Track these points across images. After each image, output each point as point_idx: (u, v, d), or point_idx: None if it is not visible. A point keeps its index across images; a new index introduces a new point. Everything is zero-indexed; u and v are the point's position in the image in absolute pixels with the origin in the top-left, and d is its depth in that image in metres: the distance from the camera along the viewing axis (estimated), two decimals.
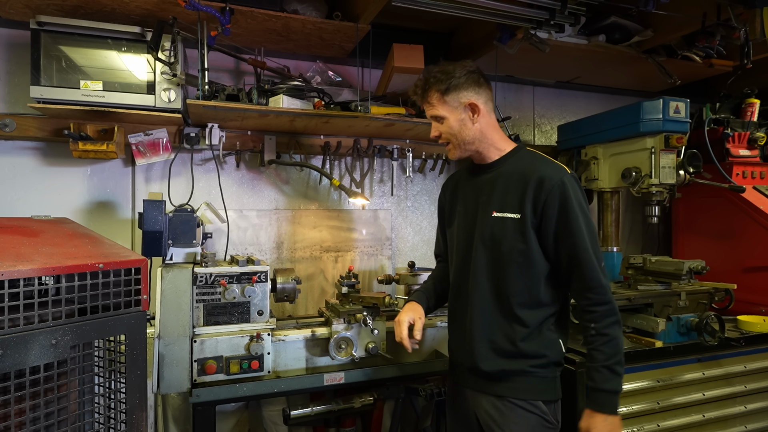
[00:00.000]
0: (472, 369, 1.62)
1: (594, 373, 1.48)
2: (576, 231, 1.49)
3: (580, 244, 1.49)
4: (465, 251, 1.67)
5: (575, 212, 1.50)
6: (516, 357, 1.55)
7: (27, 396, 1.17)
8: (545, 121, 3.33)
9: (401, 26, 2.78)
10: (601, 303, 1.50)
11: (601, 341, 1.48)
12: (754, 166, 2.89)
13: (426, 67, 1.70)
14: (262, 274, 1.95)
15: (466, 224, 1.69)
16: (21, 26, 2.16)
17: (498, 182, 1.63)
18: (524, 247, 1.54)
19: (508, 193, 1.59)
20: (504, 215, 1.57)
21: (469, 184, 1.74)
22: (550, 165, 1.58)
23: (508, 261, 1.56)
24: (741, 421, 2.26)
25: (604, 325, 1.49)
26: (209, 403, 1.84)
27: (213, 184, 2.53)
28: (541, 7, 2.18)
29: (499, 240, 1.57)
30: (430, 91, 1.63)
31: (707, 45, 2.50)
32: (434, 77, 1.61)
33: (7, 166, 2.25)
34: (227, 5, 1.99)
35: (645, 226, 3.44)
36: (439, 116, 1.63)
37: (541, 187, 1.52)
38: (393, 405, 2.32)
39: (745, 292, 2.56)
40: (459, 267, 1.70)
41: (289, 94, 2.24)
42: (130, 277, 1.39)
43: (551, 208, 1.51)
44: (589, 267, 1.49)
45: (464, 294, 1.66)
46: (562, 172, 1.54)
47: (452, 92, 1.61)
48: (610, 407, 1.47)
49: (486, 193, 1.64)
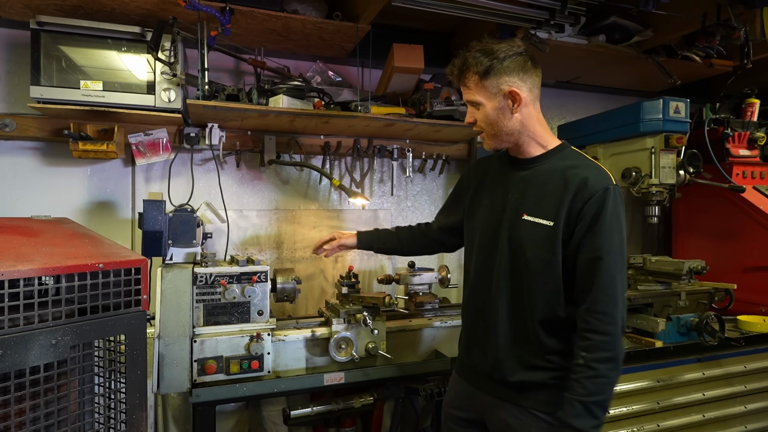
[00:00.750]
0: (494, 377, 1.52)
1: (567, 405, 1.33)
2: (604, 246, 1.34)
3: (604, 263, 1.33)
4: (488, 250, 1.55)
5: (609, 226, 1.35)
6: (537, 369, 1.45)
7: (27, 396, 1.17)
8: (545, 121, 3.32)
9: (401, 26, 2.78)
10: (599, 332, 1.31)
11: (585, 374, 1.31)
12: (754, 166, 2.88)
13: (471, 43, 1.52)
14: (262, 274, 1.95)
15: (490, 221, 1.55)
16: (21, 26, 2.16)
17: (534, 182, 1.48)
18: (551, 257, 1.40)
19: (543, 197, 1.44)
20: (535, 220, 1.43)
21: (500, 177, 1.59)
22: (596, 170, 1.42)
23: (531, 269, 1.43)
24: (741, 421, 2.27)
25: (594, 358, 1.30)
26: (209, 403, 1.84)
27: (213, 184, 2.53)
28: (541, 7, 2.18)
29: (525, 246, 1.44)
30: (467, 72, 1.47)
31: (707, 45, 2.50)
32: (474, 57, 1.45)
33: (7, 166, 2.25)
34: (227, 5, 1.99)
35: (645, 226, 3.43)
36: (475, 101, 1.49)
37: (581, 194, 1.37)
38: (393, 405, 2.32)
39: (745, 292, 2.56)
40: (481, 265, 1.57)
41: (289, 94, 2.24)
42: (130, 277, 1.39)
43: (587, 217, 1.36)
44: (604, 290, 1.32)
45: (486, 295, 1.55)
46: (608, 181, 1.39)
47: (492, 76, 1.44)
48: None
49: (518, 191, 1.50)
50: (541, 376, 1.45)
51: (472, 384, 1.63)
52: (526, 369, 1.46)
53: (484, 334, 1.55)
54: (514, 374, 1.47)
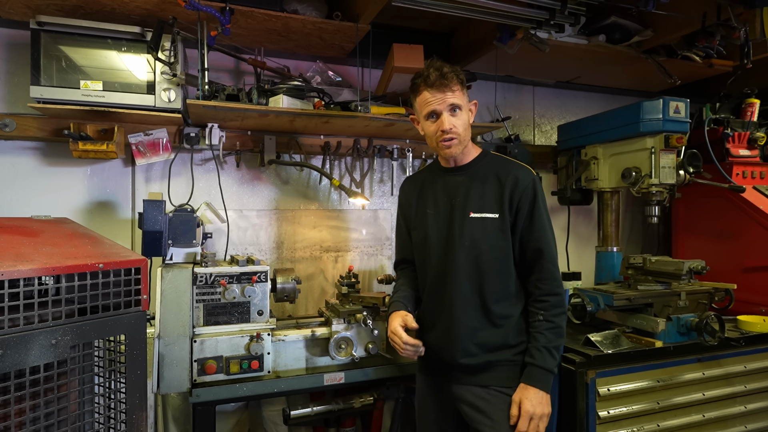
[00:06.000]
0: (455, 365, 1.66)
1: (534, 351, 1.59)
2: (542, 226, 1.63)
3: (544, 239, 1.62)
4: (442, 253, 1.69)
5: (542, 210, 1.64)
6: (499, 349, 1.63)
7: (27, 396, 1.17)
8: (545, 121, 3.33)
9: (401, 26, 2.78)
10: (553, 293, 1.61)
11: (546, 326, 1.60)
12: (754, 166, 2.88)
13: (427, 61, 1.68)
14: (262, 274, 1.95)
15: (439, 226, 1.71)
16: (21, 26, 2.16)
17: (473, 184, 1.68)
18: (504, 244, 1.64)
19: (484, 195, 1.66)
20: (482, 215, 1.64)
21: (438, 186, 1.76)
22: (521, 167, 1.69)
23: (488, 259, 1.63)
24: (741, 421, 2.27)
25: (552, 314, 1.60)
26: (209, 403, 1.85)
27: (213, 184, 2.53)
28: (541, 7, 2.17)
29: (480, 240, 1.63)
30: (454, 77, 1.61)
31: (707, 45, 2.50)
32: (450, 66, 1.61)
33: (7, 166, 2.25)
34: (227, 5, 1.99)
35: (645, 226, 3.44)
36: (459, 105, 1.63)
37: (516, 187, 1.63)
38: (393, 405, 2.32)
39: (745, 292, 2.56)
40: (436, 269, 1.71)
41: (289, 94, 2.24)
42: (130, 277, 1.39)
43: (524, 206, 1.63)
44: (549, 259, 1.62)
45: (443, 294, 1.69)
46: (532, 174, 1.67)
47: (465, 87, 1.66)
48: (543, 383, 1.56)
49: (461, 194, 1.69)
50: (504, 355, 1.63)
51: (437, 377, 1.75)
52: (487, 351, 1.63)
53: (446, 327, 1.68)
54: (476, 357, 1.63)
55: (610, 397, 2.01)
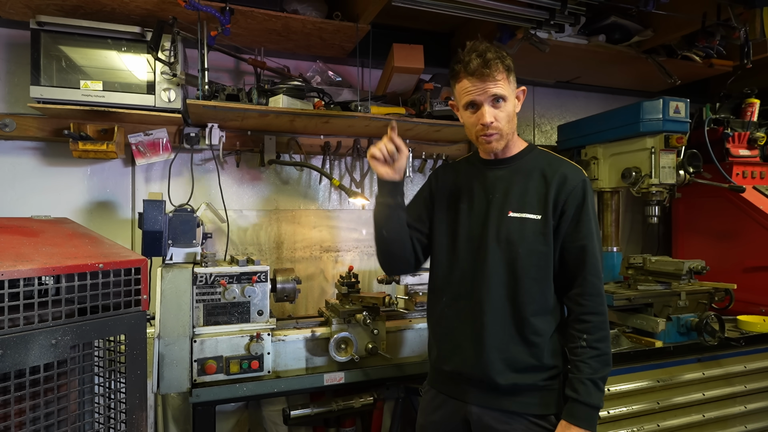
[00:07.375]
0: (480, 382, 1.46)
1: (578, 384, 1.38)
2: (588, 234, 1.42)
3: (590, 248, 1.42)
4: (473, 253, 1.50)
5: (590, 215, 1.44)
6: (529, 370, 1.43)
7: (27, 396, 1.17)
8: (545, 121, 3.33)
9: (401, 26, 2.78)
10: (595, 312, 1.41)
11: (590, 354, 1.38)
12: (754, 166, 2.89)
13: (470, 43, 1.47)
14: (261, 274, 1.95)
15: (471, 224, 1.52)
16: (21, 26, 2.16)
17: (514, 180, 1.50)
18: (545, 249, 1.43)
19: (526, 193, 1.47)
20: (522, 216, 1.45)
21: (475, 180, 1.56)
22: (570, 165, 1.50)
23: (526, 264, 1.43)
24: (741, 421, 2.27)
25: (596, 338, 1.39)
26: (209, 403, 1.85)
27: (213, 184, 2.53)
28: (541, 7, 2.17)
29: (517, 242, 1.44)
30: (498, 63, 1.40)
31: (707, 45, 2.50)
32: (495, 51, 1.41)
33: (7, 166, 2.25)
34: (227, 5, 1.99)
35: (645, 226, 3.44)
36: (502, 96, 1.43)
37: (563, 187, 1.44)
38: (393, 405, 2.32)
39: (745, 292, 2.56)
40: (463, 271, 1.52)
41: (289, 94, 2.24)
42: (130, 277, 1.39)
43: (570, 209, 1.43)
44: (593, 272, 1.41)
45: (470, 299, 1.49)
46: (582, 174, 1.48)
47: (513, 73, 1.45)
48: (589, 423, 1.36)
49: (499, 190, 1.50)
50: (533, 378, 1.43)
51: (452, 394, 1.54)
52: (516, 371, 1.43)
53: (471, 337, 1.48)
54: (504, 376, 1.43)
55: (610, 397, 2.01)
